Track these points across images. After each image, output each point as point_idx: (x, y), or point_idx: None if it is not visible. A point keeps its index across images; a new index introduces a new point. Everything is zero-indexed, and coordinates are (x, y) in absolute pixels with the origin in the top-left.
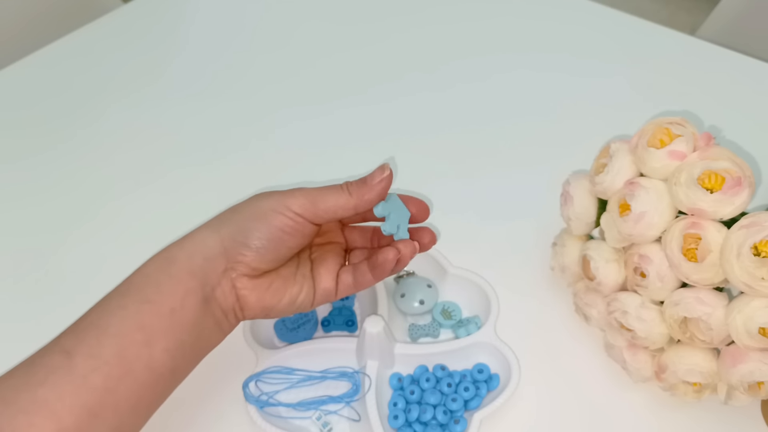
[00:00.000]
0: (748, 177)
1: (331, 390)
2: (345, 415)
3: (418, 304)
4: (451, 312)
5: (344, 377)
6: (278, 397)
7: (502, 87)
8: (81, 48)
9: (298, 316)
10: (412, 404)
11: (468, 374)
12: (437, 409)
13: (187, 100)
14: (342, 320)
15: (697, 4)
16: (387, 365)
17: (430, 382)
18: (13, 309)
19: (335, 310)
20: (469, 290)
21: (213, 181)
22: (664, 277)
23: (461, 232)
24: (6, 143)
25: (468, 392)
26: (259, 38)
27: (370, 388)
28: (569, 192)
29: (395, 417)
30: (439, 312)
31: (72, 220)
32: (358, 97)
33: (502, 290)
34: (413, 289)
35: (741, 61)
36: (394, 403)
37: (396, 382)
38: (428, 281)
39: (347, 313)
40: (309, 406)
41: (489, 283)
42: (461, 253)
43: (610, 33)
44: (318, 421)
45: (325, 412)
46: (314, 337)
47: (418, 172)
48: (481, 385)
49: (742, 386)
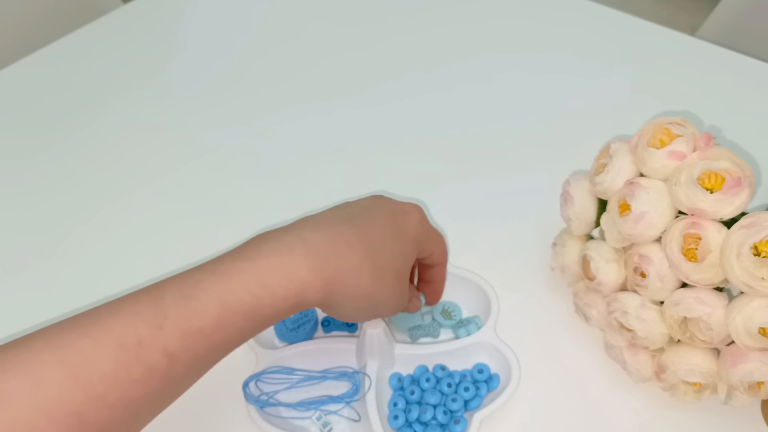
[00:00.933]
0: (748, 177)
1: (331, 390)
2: (345, 415)
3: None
4: (451, 312)
5: (344, 377)
6: (278, 397)
7: (503, 88)
8: (81, 48)
9: (298, 316)
10: (413, 404)
11: (468, 374)
12: (437, 409)
13: (187, 100)
14: (342, 320)
15: (697, 5)
16: (387, 365)
17: (431, 382)
18: (12, 307)
19: None
20: (469, 290)
21: (213, 181)
22: (664, 277)
23: (461, 232)
24: (6, 143)
25: (468, 392)
26: (260, 38)
27: (370, 388)
28: (569, 192)
29: (395, 417)
30: (439, 312)
31: (71, 219)
32: (358, 97)
33: (502, 290)
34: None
35: (741, 62)
36: (394, 403)
37: (396, 382)
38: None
39: None
40: (309, 406)
41: (489, 283)
42: (461, 253)
43: (610, 34)
44: (318, 421)
45: (325, 412)
46: (314, 337)
47: (419, 172)
48: (481, 385)
49: (742, 386)
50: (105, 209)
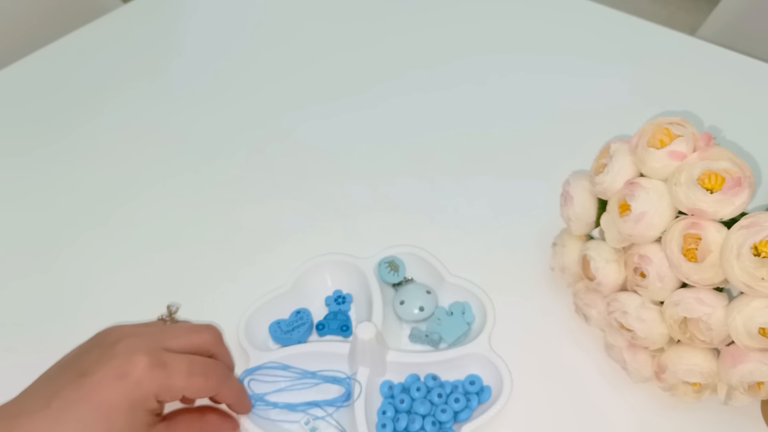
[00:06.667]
0: (748, 177)
1: (322, 394)
2: (333, 422)
3: (417, 311)
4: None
5: (335, 382)
6: (268, 399)
7: (502, 87)
8: (81, 48)
9: (293, 318)
10: (401, 413)
11: (460, 385)
12: (426, 420)
13: (187, 100)
14: (337, 325)
15: (697, 5)
16: (378, 373)
17: (421, 391)
18: (10, 305)
19: (330, 314)
20: (465, 299)
21: (213, 180)
22: (664, 278)
23: (461, 232)
24: (6, 142)
25: (458, 404)
26: (260, 38)
27: (360, 395)
28: (569, 192)
29: (383, 425)
30: (444, 313)
31: (71, 218)
32: (357, 98)
33: (501, 291)
34: (412, 296)
35: (741, 61)
36: (383, 411)
37: (387, 390)
38: (427, 287)
39: (342, 318)
40: (298, 408)
41: (486, 293)
42: (460, 253)
43: (610, 33)
44: (306, 425)
45: (313, 417)
46: (308, 340)
47: (417, 172)
48: (473, 397)
49: (742, 386)
50: (104, 208)
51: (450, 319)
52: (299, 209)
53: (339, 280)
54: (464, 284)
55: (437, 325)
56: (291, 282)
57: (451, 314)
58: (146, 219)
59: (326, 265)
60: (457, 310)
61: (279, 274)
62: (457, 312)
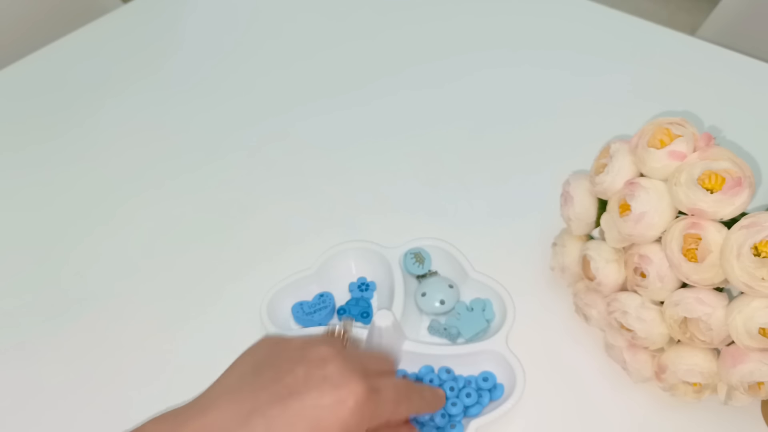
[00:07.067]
0: (748, 177)
1: None
2: None
3: (438, 304)
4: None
5: None
6: None
7: (502, 87)
8: (81, 48)
9: (316, 300)
10: None
11: (473, 381)
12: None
13: (187, 99)
14: (358, 311)
15: (697, 5)
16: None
17: (434, 383)
18: (9, 302)
19: (353, 300)
20: (488, 296)
21: (213, 179)
22: (664, 278)
23: (461, 232)
24: (5, 141)
25: (470, 399)
26: (259, 37)
27: None
28: (569, 192)
29: None
30: (464, 308)
31: (70, 217)
32: (357, 93)
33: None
34: (434, 289)
35: (741, 61)
36: None
37: None
38: (450, 281)
39: (364, 305)
40: None
41: (509, 292)
42: (460, 253)
43: (610, 33)
44: None
45: None
46: (329, 324)
47: (416, 172)
48: (485, 393)
49: (742, 386)
50: (104, 207)
51: (470, 315)
52: (302, 206)
53: (364, 267)
54: (487, 281)
55: (456, 320)
56: (317, 266)
57: (472, 310)
58: (148, 217)
59: (352, 251)
60: (478, 307)
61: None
62: (478, 308)
